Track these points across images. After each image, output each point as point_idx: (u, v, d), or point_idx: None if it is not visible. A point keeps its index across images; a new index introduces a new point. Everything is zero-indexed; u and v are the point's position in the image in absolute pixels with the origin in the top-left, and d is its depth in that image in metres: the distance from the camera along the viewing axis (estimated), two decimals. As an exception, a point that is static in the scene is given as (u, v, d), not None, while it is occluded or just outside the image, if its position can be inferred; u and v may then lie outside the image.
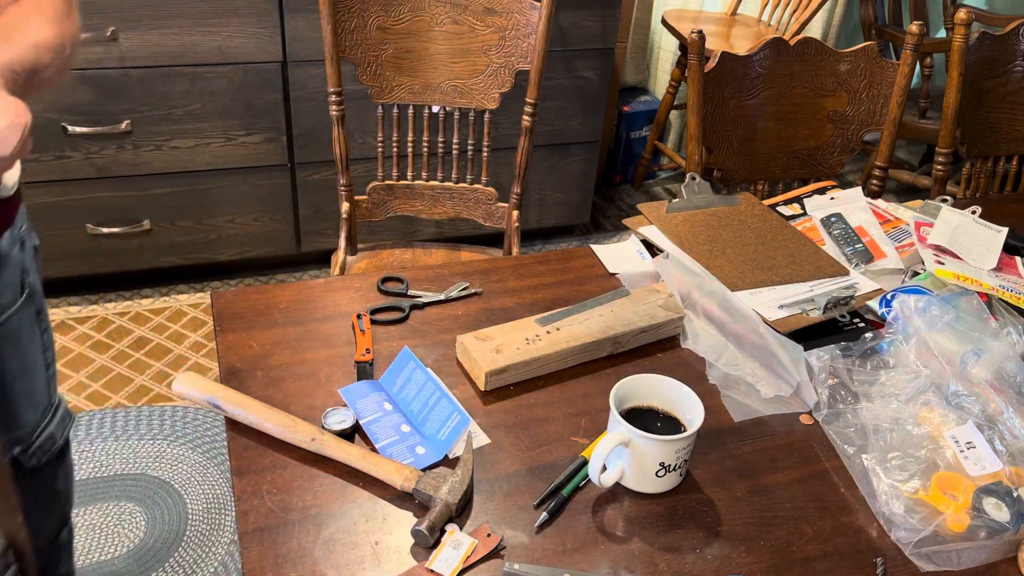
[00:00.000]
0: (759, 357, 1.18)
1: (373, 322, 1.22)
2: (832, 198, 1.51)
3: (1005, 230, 1.43)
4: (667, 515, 0.97)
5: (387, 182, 1.89)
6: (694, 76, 1.70)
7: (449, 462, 1.01)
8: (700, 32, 1.66)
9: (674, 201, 1.44)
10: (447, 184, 1.91)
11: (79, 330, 2.45)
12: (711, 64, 1.72)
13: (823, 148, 1.87)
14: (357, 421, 1.03)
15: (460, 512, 0.94)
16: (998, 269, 1.37)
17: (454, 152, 1.90)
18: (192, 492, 2.00)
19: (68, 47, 0.93)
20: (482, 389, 1.11)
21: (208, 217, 2.54)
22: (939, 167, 1.93)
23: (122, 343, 2.42)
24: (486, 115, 1.85)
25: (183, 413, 2.20)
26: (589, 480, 1.00)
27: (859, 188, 1.53)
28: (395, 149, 1.88)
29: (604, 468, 0.97)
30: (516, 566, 0.89)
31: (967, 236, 1.41)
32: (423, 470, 0.96)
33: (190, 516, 1.95)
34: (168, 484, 2.01)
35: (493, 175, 2.71)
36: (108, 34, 2.19)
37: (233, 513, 1.96)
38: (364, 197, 1.89)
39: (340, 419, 1.03)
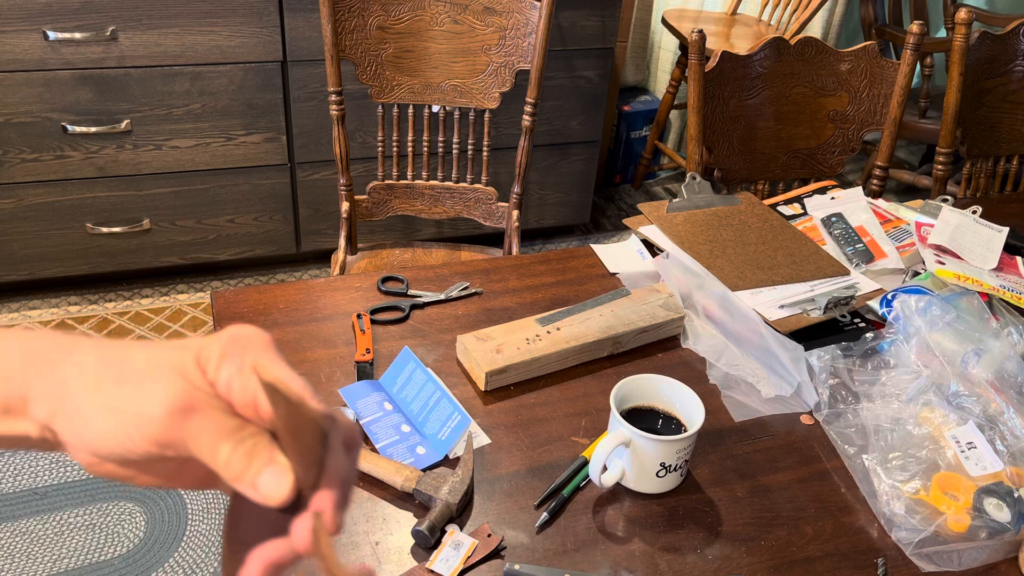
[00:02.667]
0: (759, 357, 1.17)
1: (373, 322, 1.22)
2: (832, 198, 1.51)
3: (1006, 230, 1.43)
4: (667, 515, 0.97)
5: (387, 182, 1.89)
6: (694, 76, 1.70)
7: (449, 462, 1.00)
8: (700, 32, 1.66)
9: (674, 201, 1.44)
10: (447, 184, 1.90)
11: (79, 330, 2.45)
12: (711, 64, 1.72)
13: (823, 148, 1.87)
14: (357, 421, 1.03)
15: (460, 512, 0.94)
16: (999, 269, 1.37)
17: (454, 152, 1.90)
18: (192, 492, 2.00)
19: None
20: (482, 389, 1.11)
21: (208, 217, 2.54)
22: (939, 167, 1.93)
23: (122, 343, 2.42)
24: (486, 115, 1.85)
25: (183, 413, 2.20)
26: (589, 480, 1.00)
27: (859, 188, 1.53)
28: (395, 149, 1.88)
29: (604, 468, 0.97)
30: (516, 566, 0.89)
31: (968, 236, 1.41)
32: (423, 470, 0.96)
33: (190, 516, 1.94)
34: (168, 484, 2.01)
35: (493, 175, 2.71)
36: (108, 34, 2.19)
37: (233, 513, 1.96)
38: (364, 197, 1.89)
39: (340, 419, 1.03)
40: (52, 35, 2.15)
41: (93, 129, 2.29)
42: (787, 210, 1.49)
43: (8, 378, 0.47)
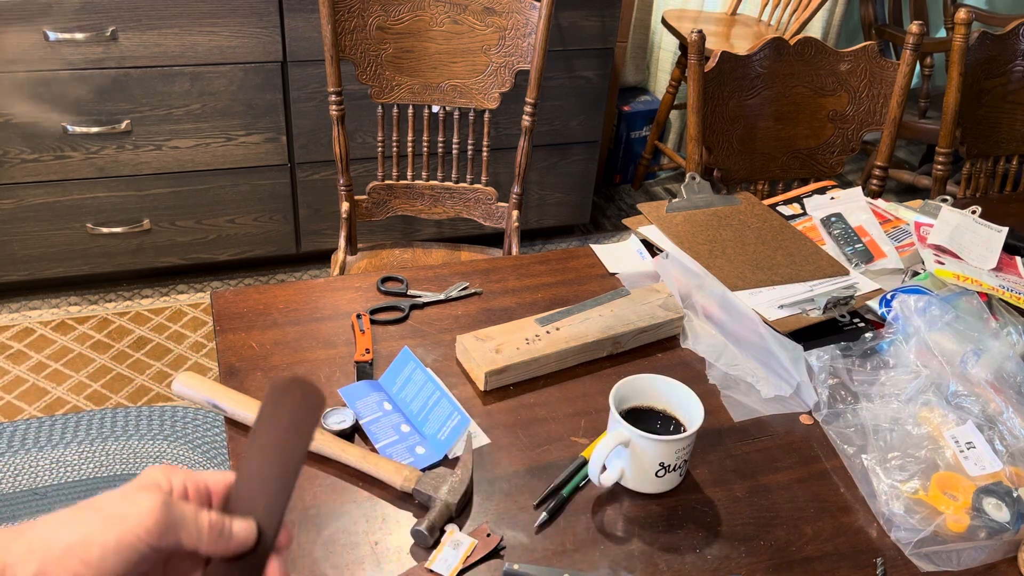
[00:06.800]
0: (759, 357, 1.18)
1: (373, 322, 1.22)
2: (832, 198, 1.51)
3: (1005, 230, 1.43)
4: (667, 515, 0.97)
5: (387, 182, 1.89)
6: (694, 76, 1.70)
7: (449, 462, 1.00)
8: (700, 32, 1.66)
9: (674, 201, 1.44)
10: (447, 184, 1.91)
11: (79, 330, 2.45)
12: (711, 64, 1.72)
13: (823, 148, 1.87)
14: (357, 421, 1.03)
15: (460, 512, 0.94)
16: (998, 269, 1.37)
17: (454, 152, 1.90)
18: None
19: None
20: (482, 389, 1.11)
21: (208, 217, 2.54)
22: (939, 167, 1.93)
23: (122, 343, 2.42)
24: (486, 115, 1.85)
25: (183, 413, 2.20)
26: (589, 480, 1.00)
27: (859, 188, 1.53)
28: (395, 149, 1.88)
29: (604, 468, 0.97)
30: (516, 566, 0.89)
31: (967, 236, 1.41)
32: (423, 470, 0.96)
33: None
34: (168, 484, 2.01)
35: (493, 175, 2.71)
36: (108, 34, 2.19)
37: (233, 513, 1.95)
38: (364, 197, 1.89)
39: (340, 419, 1.03)
40: (52, 35, 2.15)
41: (93, 129, 2.29)
42: (787, 210, 1.49)
43: None
